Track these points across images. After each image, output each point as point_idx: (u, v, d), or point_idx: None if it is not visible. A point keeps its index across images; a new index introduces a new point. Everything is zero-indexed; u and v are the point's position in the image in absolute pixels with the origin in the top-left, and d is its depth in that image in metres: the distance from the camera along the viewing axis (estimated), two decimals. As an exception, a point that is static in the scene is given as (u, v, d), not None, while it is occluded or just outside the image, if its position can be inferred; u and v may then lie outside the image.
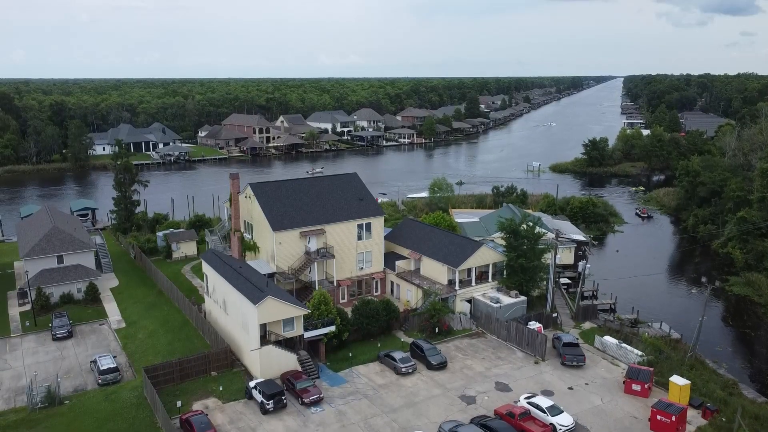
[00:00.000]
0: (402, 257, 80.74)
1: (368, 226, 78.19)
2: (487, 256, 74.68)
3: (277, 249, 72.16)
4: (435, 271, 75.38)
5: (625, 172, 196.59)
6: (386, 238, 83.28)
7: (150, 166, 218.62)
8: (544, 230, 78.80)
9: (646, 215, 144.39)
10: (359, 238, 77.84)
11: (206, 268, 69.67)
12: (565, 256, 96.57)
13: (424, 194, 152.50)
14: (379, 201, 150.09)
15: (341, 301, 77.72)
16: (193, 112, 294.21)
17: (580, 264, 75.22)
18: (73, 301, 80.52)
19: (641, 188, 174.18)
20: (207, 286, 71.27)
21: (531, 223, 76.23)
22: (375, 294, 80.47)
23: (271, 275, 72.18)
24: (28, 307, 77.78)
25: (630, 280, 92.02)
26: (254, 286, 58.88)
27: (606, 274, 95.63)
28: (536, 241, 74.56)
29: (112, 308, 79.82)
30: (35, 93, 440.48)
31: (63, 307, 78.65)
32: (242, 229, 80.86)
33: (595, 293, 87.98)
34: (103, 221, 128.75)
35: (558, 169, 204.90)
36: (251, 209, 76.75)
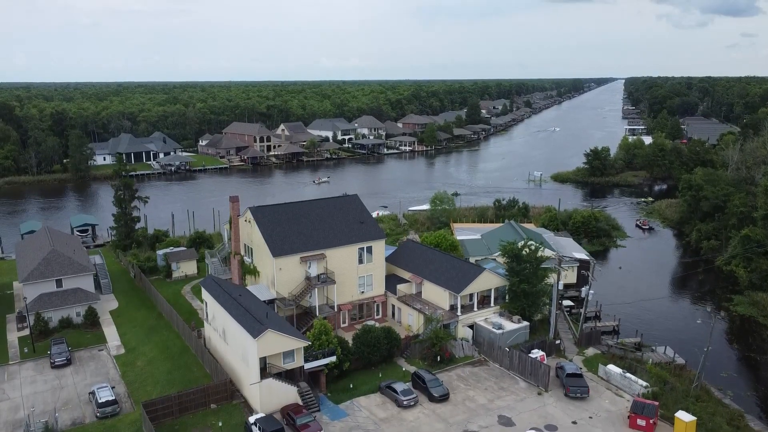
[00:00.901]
0: (403, 280, 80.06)
1: (369, 249, 77.54)
2: (490, 280, 74.00)
3: (278, 275, 71.51)
4: (436, 295, 74.69)
5: (626, 182, 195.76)
6: (387, 260, 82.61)
7: (151, 176, 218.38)
8: (546, 254, 77.85)
9: (647, 227, 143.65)
10: (360, 261, 77.19)
11: (205, 295, 69.04)
12: (568, 276, 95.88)
13: (426, 207, 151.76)
14: (379, 214, 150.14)
15: (342, 325, 77.20)
16: (194, 120, 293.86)
17: (583, 289, 74.51)
18: (72, 325, 79.90)
19: (650, 199, 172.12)
20: (206, 313, 70.63)
21: (533, 246, 75.46)
22: (376, 317, 79.83)
23: (272, 301, 71.60)
24: (27, 332, 77.22)
25: (633, 294, 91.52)
26: (254, 318, 58.22)
27: (609, 292, 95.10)
28: (538, 265, 73.82)
29: (111, 332, 79.21)
30: (36, 100, 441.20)
31: (62, 332, 78.10)
32: (242, 252, 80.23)
33: (598, 314, 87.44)
34: (103, 237, 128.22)
35: (560, 178, 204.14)
36: (251, 233, 76.15)
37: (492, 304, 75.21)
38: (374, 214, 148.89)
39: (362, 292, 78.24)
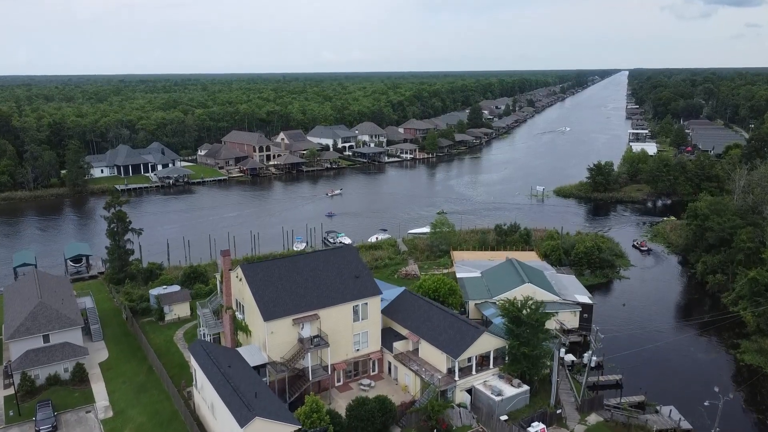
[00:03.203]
0: (400, 336, 77.71)
1: (364, 306, 75.15)
2: (489, 342, 71.61)
3: (269, 338, 69.22)
4: (434, 357, 72.34)
5: (630, 198, 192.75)
6: (384, 312, 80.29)
7: (149, 189, 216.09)
8: (546, 310, 75.32)
9: (645, 249, 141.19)
10: (355, 319, 74.83)
11: (194, 363, 66.81)
12: (570, 319, 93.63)
13: (426, 229, 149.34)
14: (379, 238, 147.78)
15: (337, 384, 75.01)
16: (193, 128, 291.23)
17: (586, 355, 72.09)
18: (60, 382, 77.87)
19: (672, 218, 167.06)
20: (195, 380, 68.41)
21: (533, 305, 73.00)
22: (372, 374, 77.59)
23: (263, 366, 69.37)
24: (13, 390, 75.14)
25: (638, 343, 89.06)
26: (241, 401, 55.89)
27: (612, 337, 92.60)
28: (539, 327, 71.35)
29: (99, 390, 77.10)
30: (37, 101, 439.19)
31: (49, 390, 76.16)
32: (234, 308, 77.93)
33: (600, 363, 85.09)
34: (97, 266, 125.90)
35: (562, 193, 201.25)
36: (242, 291, 73.78)
37: (491, 366, 72.84)
38: (373, 239, 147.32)
39: (357, 350, 75.97)
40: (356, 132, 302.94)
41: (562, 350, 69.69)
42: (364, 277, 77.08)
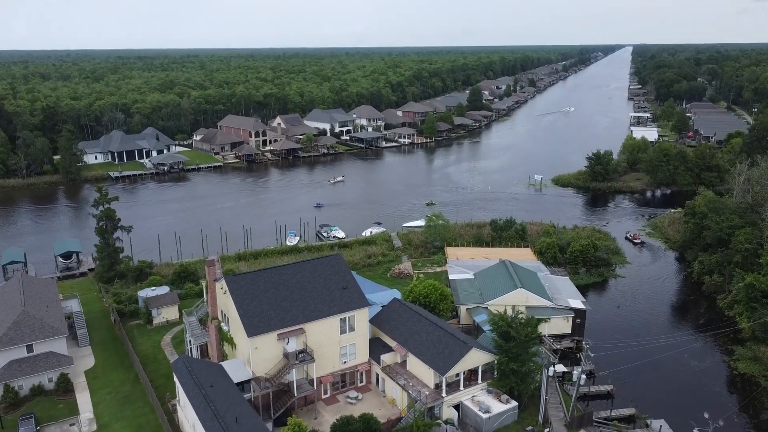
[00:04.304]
0: (388, 348, 76.48)
1: (352, 319, 73.82)
2: (477, 358, 70.37)
3: (253, 354, 68.02)
4: (421, 371, 71.20)
5: (629, 188, 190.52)
6: (372, 321, 79.13)
7: (143, 177, 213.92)
8: (536, 330, 73.83)
9: (638, 242, 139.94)
10: (342, 332, 73.59)
11: (176, 380, 65.65)
12: (562, 326, 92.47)
13: (421, 222, 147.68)
14: (373, 232, 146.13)
15: (324, 396, 74.07)
16: (189, 112, 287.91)
17: (575, 372, 70.84)
18: (44, 392, 77.03)
19: (679, 209, 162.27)
20: (179, 397, 67.40)
21: (523, 318, 71.61)
22: (360, 385, 76.63)
23: (247, 381, 68.32)
24: (-3, 401, 74.42)
25: (631, 352, 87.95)
26: (221, 427, 54.80)
27: (605, 341, 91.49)
28: (529, 342, 70.04)
29: (84, 400, 76.24)
30: (33, 80, 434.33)
31: (33, 401, 75.38)
32: (220, 318, 76.66)
33: (592, 372, 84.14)
34: (88, 262, 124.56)
35: (561, 182, 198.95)
36: (227, 304, 72.39)
37: (480, 380, 71.72)
38: (367, 232, 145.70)
39: (344, 362, 74.86)
40: (354, 116, 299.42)
41: (551, 369, 68.42)
42: (351, 289, 75.62)
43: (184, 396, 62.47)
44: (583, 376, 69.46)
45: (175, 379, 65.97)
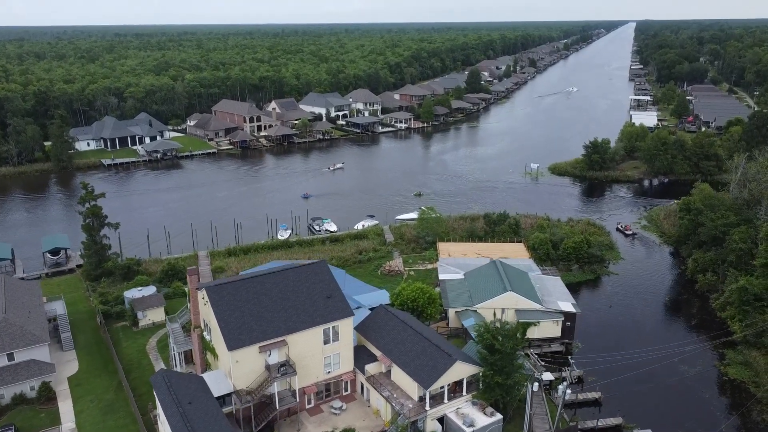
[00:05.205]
0: (373, 357, 75.50)
1: (336, 328, 72.68)
2: (462, 370, 69.32)
3: (234, 367, 66.99)
4: (405, 383, 70.24)
5: (626, 177, 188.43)
6: (357, 329, 78.05)
7: (137, 164, 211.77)
8: (522, 341, 72.75)
9: (629, 233, 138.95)
10: (326, 342, 72.49)
11: (156, 396, 64.69)
12: (551, 329, 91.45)
13: (414, 215, 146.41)
14: (365, 225, 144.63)
15: (307, 407, 73.28)
16: (183, 95, 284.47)
17: (560, 387, 69.69)
18: (26, 401, 76.30)
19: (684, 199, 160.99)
20: (158, 412, 66.54)
21: (508, 328, 70.45)
22: (344, 394, 75.82)
23: (228, 395, 67.45)
24: (-23, 411, 73.77)
25: (620, 356, 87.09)
26: (198, 451, 54.00)
27: (595, 342, 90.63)
28: (514, 353, 68.96)
29: (67, 409, 75.53)
30: (28, 60, 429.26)
31: (15, 411, 74.67)
32: (202, 326, 75.56)
33: (581, 378, 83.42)
34: (77, 258, 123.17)
35: (557, 170, 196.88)
36: (208, 314, 71.20)
37: (464, 392, 70.83)
38: (359, 226, 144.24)
39: (329, 372, 73.92)
40: (350, 100, 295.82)
41: (536, 385, 67.41)
42: (335, 297, 74.35)
43: (162, 414, 61.57)
44: (569, 391, 68.49)
45: (155, 393, 65.02)
